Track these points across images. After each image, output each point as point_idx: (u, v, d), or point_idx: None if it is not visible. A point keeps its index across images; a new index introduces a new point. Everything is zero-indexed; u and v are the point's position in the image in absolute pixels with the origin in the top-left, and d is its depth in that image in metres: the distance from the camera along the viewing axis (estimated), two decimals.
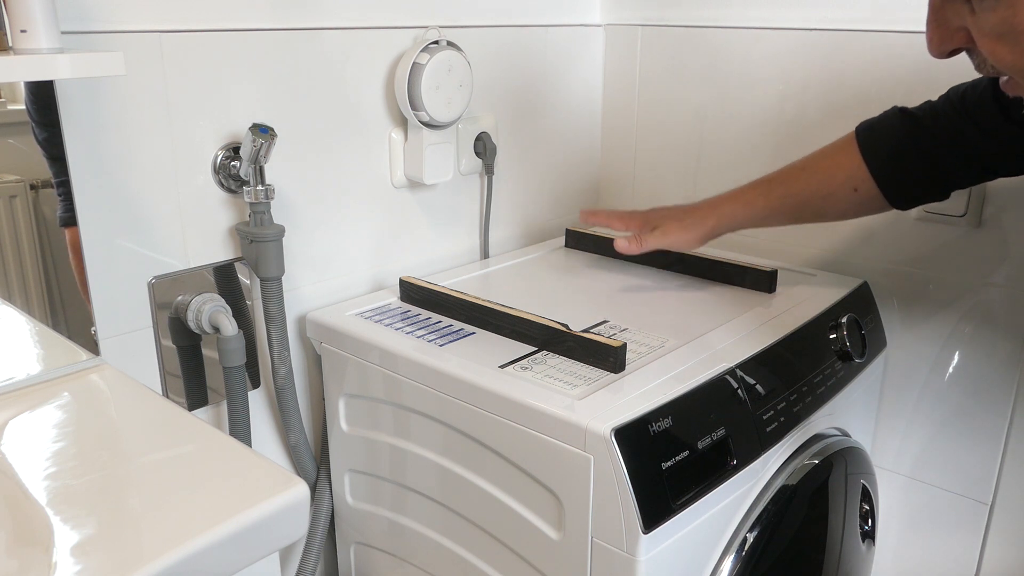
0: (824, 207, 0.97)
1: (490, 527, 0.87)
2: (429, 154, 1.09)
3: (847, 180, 0.94)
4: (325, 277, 1.06)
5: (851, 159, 0.94)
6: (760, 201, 0.99)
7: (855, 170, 0.93)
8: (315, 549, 1.08)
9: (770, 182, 0.99)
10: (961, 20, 0.57)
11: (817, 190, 0.96)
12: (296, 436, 1.02)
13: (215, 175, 0.92)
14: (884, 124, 0.93)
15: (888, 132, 0.92)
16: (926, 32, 0.60)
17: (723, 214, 1.01)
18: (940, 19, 0.59)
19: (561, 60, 1.32)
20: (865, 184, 0.93)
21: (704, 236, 1.02)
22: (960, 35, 0.58)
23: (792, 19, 1.16)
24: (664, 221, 1.03)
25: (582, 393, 0.80)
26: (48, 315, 0.81)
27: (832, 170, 0.95)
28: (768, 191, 0.99)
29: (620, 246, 1.03)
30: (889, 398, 1.19)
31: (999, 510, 1.13)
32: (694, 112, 1.30)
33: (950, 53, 0.60)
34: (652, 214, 1.06)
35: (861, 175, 0.93)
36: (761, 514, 0.86)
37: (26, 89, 0.75)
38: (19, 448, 0.66)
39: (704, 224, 1.01)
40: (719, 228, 1.01)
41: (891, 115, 0.93)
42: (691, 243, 1.02)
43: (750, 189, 1.00)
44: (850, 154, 0.94)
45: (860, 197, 0.94)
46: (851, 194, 0.94)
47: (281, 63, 0.95)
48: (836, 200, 0.95)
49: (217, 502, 0.59)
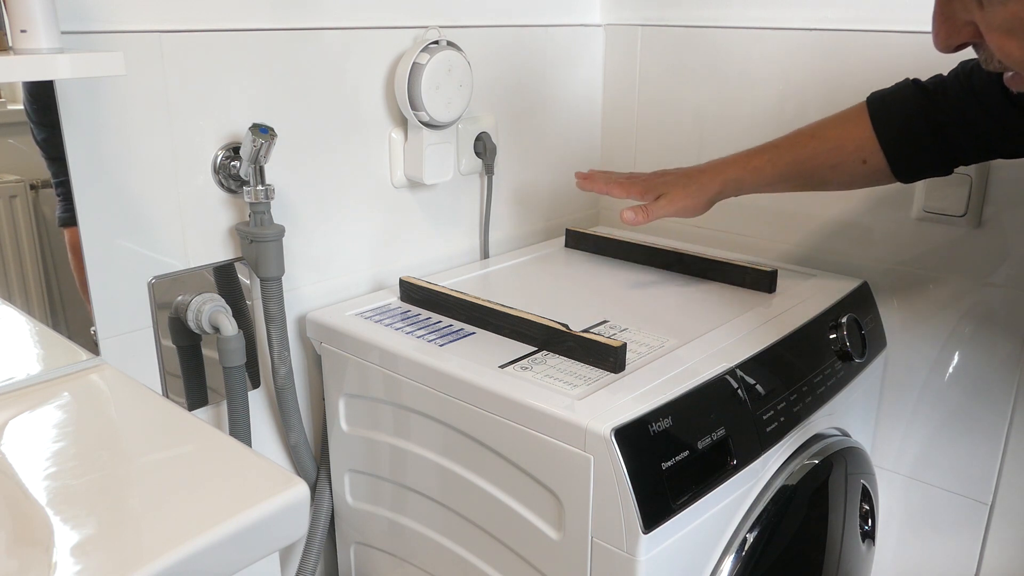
0: (831, 176, 0.95)
1: (490, 527, 0.87)
2: (429, 154, 1.09)
3: (856, 151, 0.92)
4: (325, 277, 1.06)
5: (862, 129, 0.92)
6: (768, 168, 0.97)
7: (865, 141, 0.92)
8: (315, 549, 1.08)
9: (777, 148, 0.97)
10: (969, 15, 0.57)
11: (826, 159, 0.94)
12: (296, 436, 1.02)
13: (215, 175, 0.92)
14: (897, 95, 0.91)
15: (901, 103, 0.90)
16: (932, 26, 0.60)
17: (729, 179, 0.98)
18: (948, 13, 0.59)
19: (561, 60, 1.32)
20: (874, 156, 0.92)
21: (710, 202, 0.99)
22: (967, 30, 0.58)
23: (792, 19, 1.16)
24: (669, 188, 1.00)
25: (582, 393, 0.80)
26: (48, 315, 0.81)
27: (842, 140, 0.93)
28: (776, 157, 0.97)
29: (627, 218, 0.98)
30: (889, 398, 1.19)
31: (999, 510, 1.13)
32: (694, 112, 1.30)
33: (956, 48, 0.60)
34: (654, 179, 1.03)
35: (871, 147, 0.91)
36: (761, 514, 0.86)
37: (24, 89, 0.75)
38: (19, 448, 0.66)
39: (710, 189, 0.99)
40: (725, 193, 0.99)
41: (904, 87, 0.92)
42: (698, 209, 0.99)
43: (757, 155, 0.98)
44: (861, 124, 0.92)
45: (867, 169, 0.93)
46: (859, 165, 0.93)
47: (281, 63, 0.95)
48: (843, 171, 0.94)
49: (217, 502, 0.59)
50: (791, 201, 1.21)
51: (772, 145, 0.98)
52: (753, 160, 0.98)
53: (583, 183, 1.07)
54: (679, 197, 0.99)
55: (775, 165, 0.97)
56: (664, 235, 1.35)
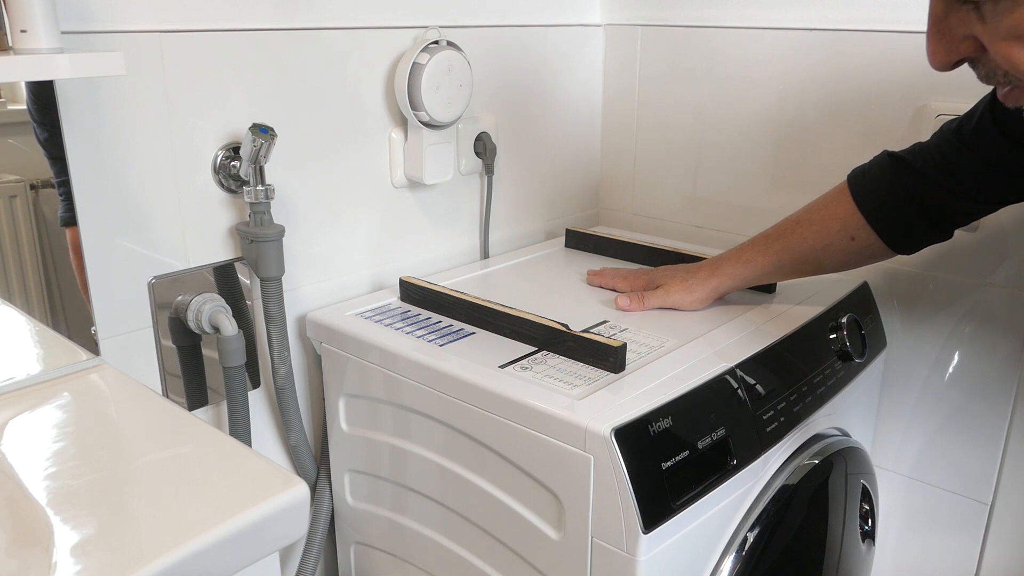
0: (823, 258, 0.95)
1: (490, 527, 0.87)
2: (429, 154, 1.09)
3: (842, 229, 0.93)
4: (325, 277, 1.06)
5: (845, 208, 0.92)
6: (759, 258, 0.98)
7: (849, 218, 0.92)
8: (315, 549, 1.08)
9: (767, 238, 0.99)
10: (968, 28, 0.55)
11: (815, 242, 0.95)
12: (296, 436, 1.02)
13: (215, 175, 0.92)
14: (873, 171, 0.91)
15: (878, 178, 0.91)
16: (927, 45, 0.58)
17: (725, 274, 1.00)
18: (943, 30, 0.57)
19: (561, 60, 1.32)
20: (862, 232, 0.92)
21: (707, 297, 1.01)
22: (966, 45, 0.56)
23: (792, 19, 1.16)
24: (668, 280, 1.03)
25: (582, 393, 0.80)
26: (48, 315, 0.81)
27: (827, 220, 0.94)
28: (766, 247, 0.98)
29: (621, 304, 1.01)
30: (889, 398, 1.19)
31: (999, 510, 1.13)
32: (694, 112, 1.30)
33: (954, 65, 0.58)
34: (656, 273, 1.05)
35: (856, 223, 0.92)
36: (761, 514, 0.86)
37: (27, 89, 0.75)
38: (19, 448, 0.66)
39: (707, 285, 1.01)
40: (721, 288, 1.01)
41: (880, 160, 0.92)
42: (694, 303, 1.01)
43: (750, 247, 1.00)
44: (843, 203, 0.93)
45: (858, 246, 0.93)
46: (848, 243, 0.93)
47: (281, 63, 0.95)
48: (834, 251, 0.94)
49: (217, 502, 0.59)
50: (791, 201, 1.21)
51: (762, 236, 0.99)
52: (746, 253, 1.00)
53: (593, 279, 1.11)
54: (676, 290, 1.01)
55: (766, 254, 0.98)
56: (664, 235, 1.35)
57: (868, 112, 1.12)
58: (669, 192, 1.35)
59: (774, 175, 1.24)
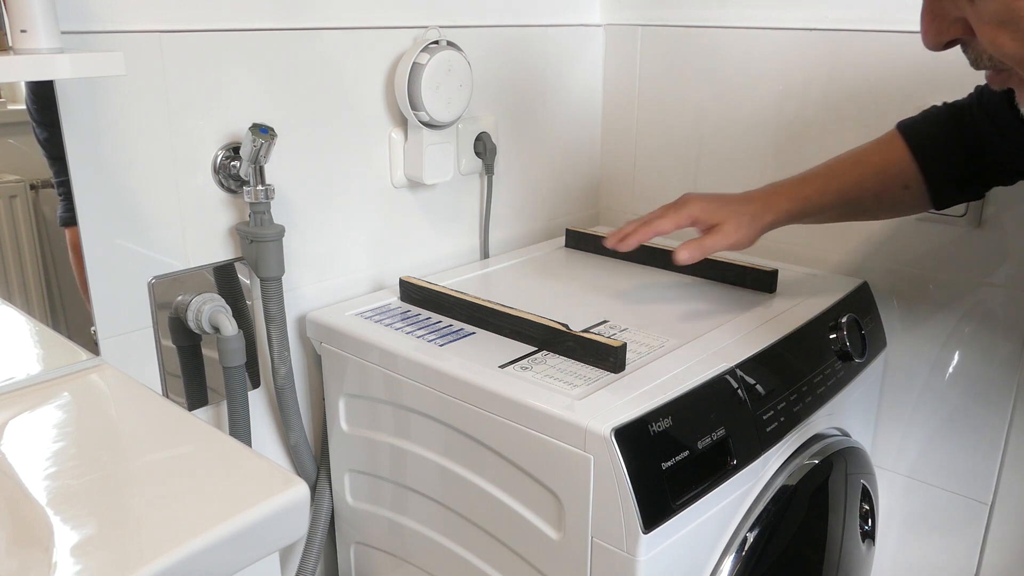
0: (872, 205, 0.93)
1: (490, 527, 0.87)
2: (429, 154, 1.09)
3: (899, 175, 0.90)
4: (325, 277, 1.06)
5: (900, 154, 0.90)
6: (816, 197, 0.94)
7: (906, 166, 0.90)
8: (315, 549, 1.08)
9: (823, 176, 0.94)
10: (959, 10, 0.56)
11: (871, 186, 0.92)
12: (296, 436, 1.02)
13: (215, 175, 0.92)
14: (930, 119, 0.90)
15: (934, 127, 0.89)
16: (921, 23, 0.59)
17: (781, 210, 0.94)
18: (936, 10, 0.58)
19: (561, 60, 1.32)
20: (915, 181, 0.90)
21: (761, 233, 0.95)
22: (957, 26, 0.57)
23: (792, 19, 1.16)
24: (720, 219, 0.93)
25: (582, 393, 0.80)
26: (48, 315, 0.81)
27: (885, 165, 0.91)
28: (824, 187, 0.94)
29: (682, 258, 0.91)
30: (889, 398, 1.19)
31: (999, 510, 1.13)
32: (694, 112, 1.30)
33: (946, 45, 0.59)
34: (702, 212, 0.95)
35: (911, 172, 0.90)
36: (761, 514, 0.86)
37: (27, 89, 0.75)
38: (19, 448, 0.66)
39: (763, 220, 0.94)
40: (776, 224, 0.95)
41: (936, 111, 0.90)
42: (751, 241, 0.94)
43: (806, 184, 0.95)
44: (898, 149, 0.91)
45: (908, 196, 0.91)
46: (901, 192, 0.91)
47: (281, 63, 0.95)
48: (886, 197, 0.92)
49: (217, 502, 0.59)
50: None
51: (815, 174, 0.95)
52: (804, 190, 0.95)
53: (622, 244, 0.97)
54: (733, 230, 0.92)
55: (824, 195, 0.94)
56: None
57: (868, 112, 1.12)
58: (669, 192, 1.35)
59: (774, 175, 1.23)
